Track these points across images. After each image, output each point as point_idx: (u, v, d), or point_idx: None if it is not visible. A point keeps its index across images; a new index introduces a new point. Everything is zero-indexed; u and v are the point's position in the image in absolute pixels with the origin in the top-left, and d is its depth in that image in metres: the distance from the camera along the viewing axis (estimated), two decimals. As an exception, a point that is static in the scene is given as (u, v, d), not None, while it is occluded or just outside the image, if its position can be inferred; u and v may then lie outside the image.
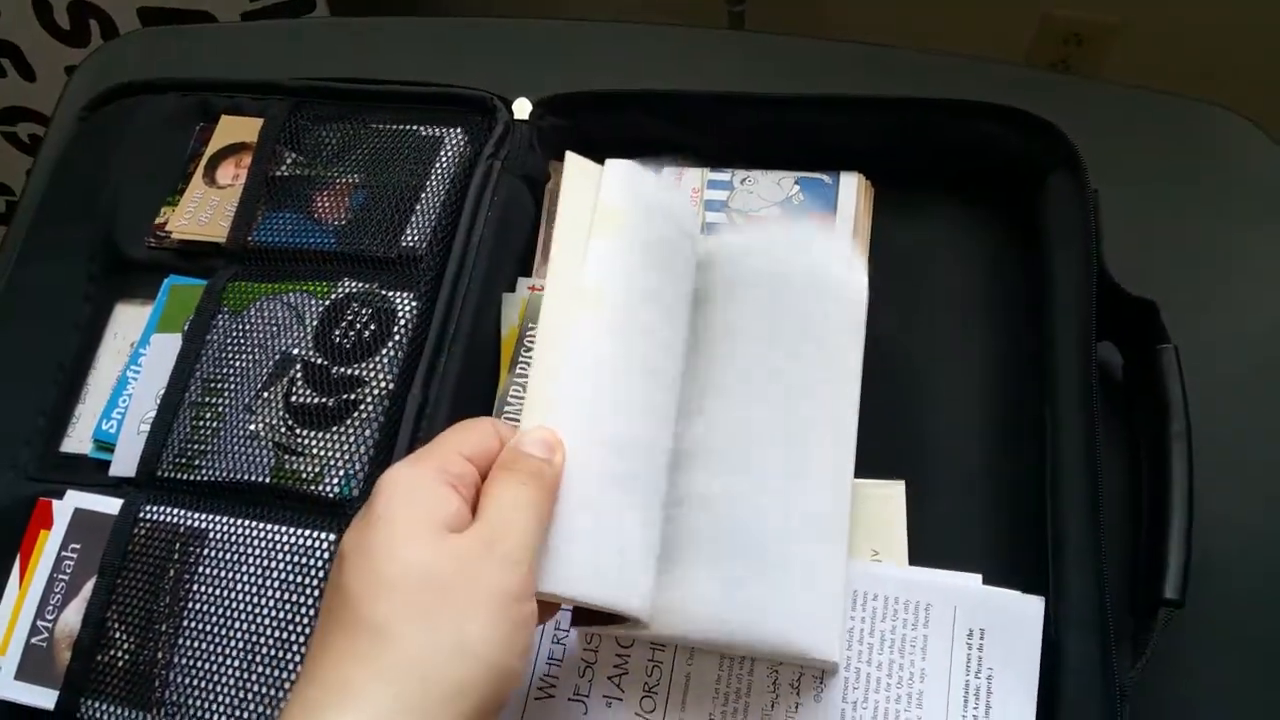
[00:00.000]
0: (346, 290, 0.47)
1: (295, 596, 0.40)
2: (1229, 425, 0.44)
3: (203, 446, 0.45)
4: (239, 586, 0.41)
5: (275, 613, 0.40)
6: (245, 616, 0.41)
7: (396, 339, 0.45)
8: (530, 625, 0.32)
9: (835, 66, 0.57)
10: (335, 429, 0.43)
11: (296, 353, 0.45)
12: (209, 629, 0.41)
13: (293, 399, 0.44)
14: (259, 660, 0.40)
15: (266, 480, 0.43)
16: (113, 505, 0.45)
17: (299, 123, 0.52)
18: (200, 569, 0.42)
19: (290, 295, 0.47)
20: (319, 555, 0.41)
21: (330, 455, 0.43)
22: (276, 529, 0.42)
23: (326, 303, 0.46)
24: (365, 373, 0.44)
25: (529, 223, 0.51)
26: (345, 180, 0.50)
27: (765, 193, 0.49)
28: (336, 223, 0.49)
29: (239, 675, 0.40)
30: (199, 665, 0.40)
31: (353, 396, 0.44)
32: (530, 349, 0.47)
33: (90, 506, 0.45)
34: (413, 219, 0.48)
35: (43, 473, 0.48)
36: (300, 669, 0.38)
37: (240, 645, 0.40)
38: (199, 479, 0.44)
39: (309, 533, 0.41)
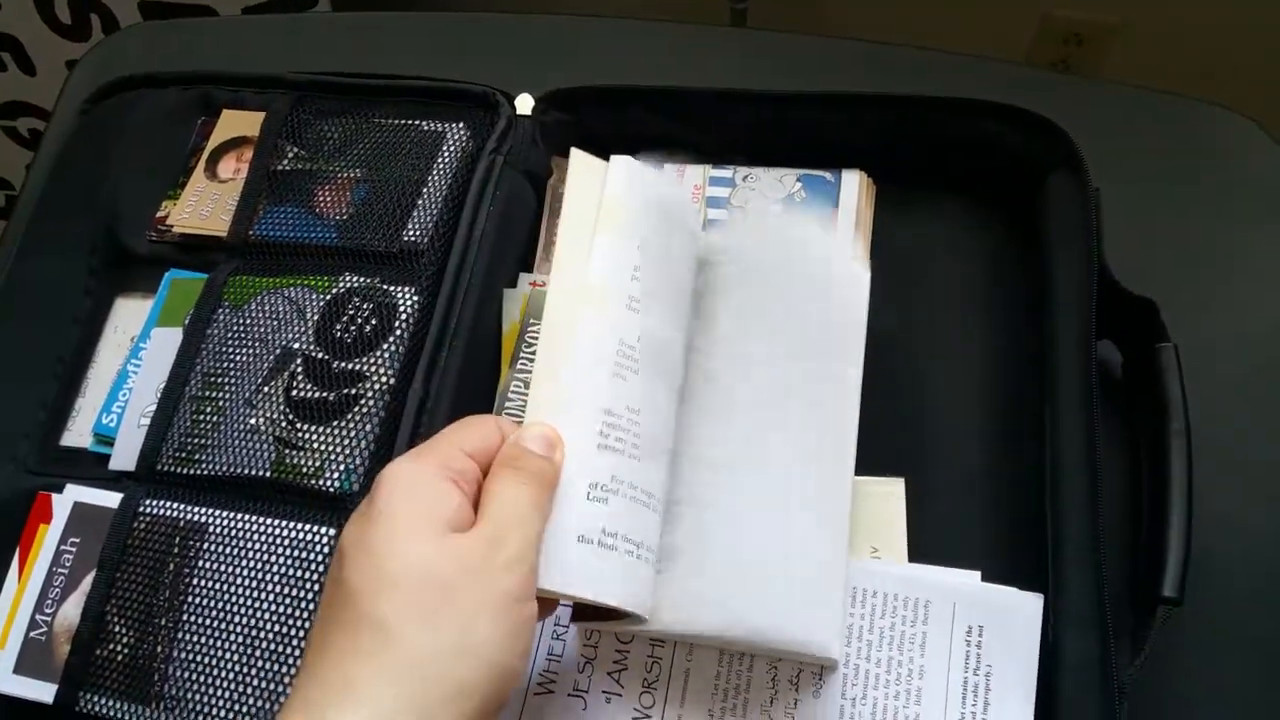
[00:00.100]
0: (348, 285, 0.47)
1: (295, 591, 0.40)
2: (1228, 424, 0.44)
3: (203, 440, 0.45)
4: (239, 581, 0.41)
5: (275, 607, 0.40)
6: (245, 611, 0.41)
7: (398, 334, 0.45)
8: (531, 625, 0.32)
9: (837, 64, 0.57)
10: (336, 423, 0.43)
11: (297, 347, 0.45)
12: (209, 623, 0.41)
13: (293, 393, 0.44)
14: (258, 654, 0.40)
15: (267, 474, 0.43)
16: (112, 499, 0.45)
17: (301, 117, 0.52)
18: (200, 563, 0.42)
19: (291, 290, 0.47)
20: (319, 550, 0.41)
21: (331, 450, 0.43)
22: (276, 523, 0.42)
23: (328, 297, 0.46)
24: (366, 367, 0.44)
25: (531, 218, 0.51)
26: (347, 175, 0.50)
27: (767, 190, 0.49)
28: (338, 217, 0.49)
29: (238, 669, 0.40)
30: (198, 659, 0.40)
31: (353, 391, 0.44)
32: (531, 345, 0.47)
33: (90, 500, 0.45)
34: (414, 214, 0.48)
35: (42, 466, 0.48)
36: (299, 664, 0.38)
37: (240, 639, 0.40)
38: (199, 473, 0.44)
39: (309, 527, 0.41)
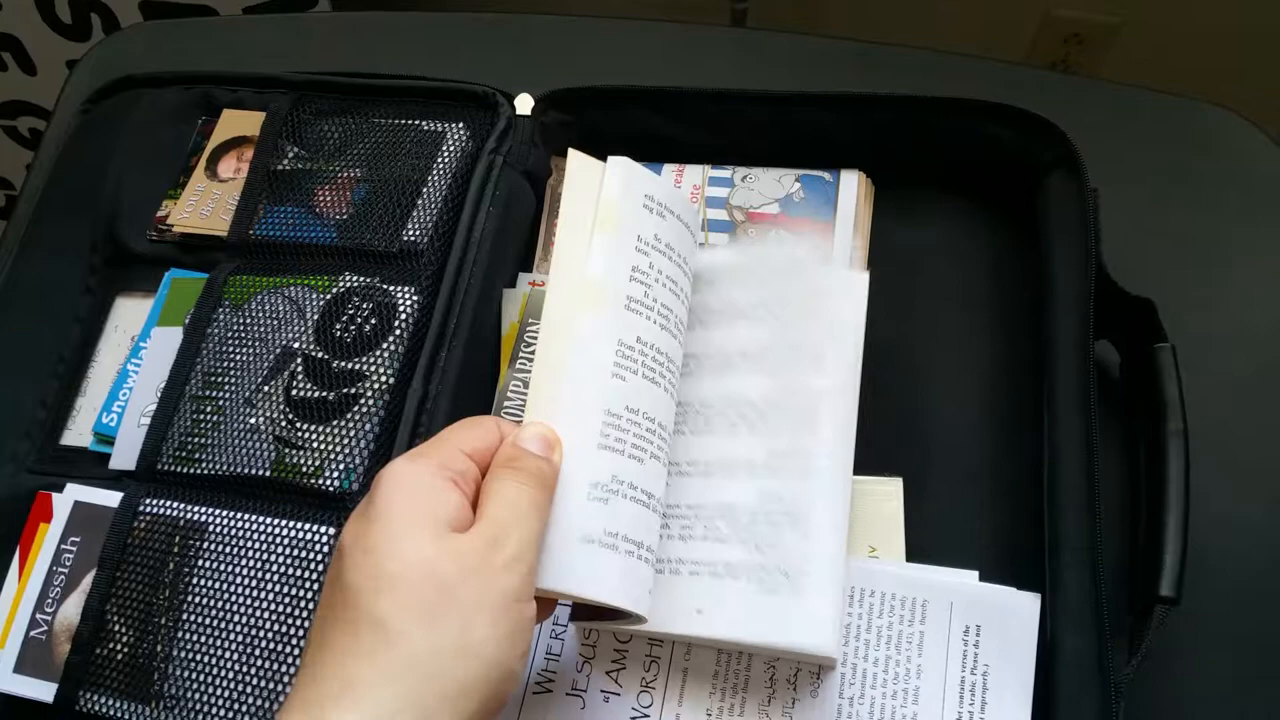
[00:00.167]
0: (347, 284, 0.47)
1: (295, 590, 0.40)
2: (1226, 424, 0.44)
3: (203, 440, 0.45)
4: (239, 580, 0.41)
5: (275, 606, 0.40)
6: (245, 610, 0.41)
7: (397, 333, 0.45)
8: (530, 625, 0.32)
9: (836, 64, 0.57)
10: (336, 423, 0.43)
11: (297, 346, 0.46)
12: (208, 622, 0.41)
13: (293, 393, 0.45)
14: (258, 653, 0.40)
15: (267, 473, 0.43)
16: (113, 498, 0.45)
17: (301, 117, 0.52)
18: (200, 562, 0.42)
19: (291, 289, 0.47)
20: (319, 549, 0.41)
21: (330, 449, 0.43)
22: (276, 522, 0.42)
23: (327, 297, 0.47)
24: (366, 367, 0.44)
25: (530, 218, 0.51)
26: (347, 174, 0.50)
27: (766, 190, 0.49)
28: (338, 217, 0.49)
29: (238, 668, 0.40)
30: (198, 658, 0.41)
31: (353, 390, 0.44)
32: (531, 345, 0.47)
33: (90, 499, 0.45)
34: (414, 214, 0.48)
35: (42, 466, 0.48)
36: (299, 663, 0.38)
37: (240, 638, 0.40)
38: (199, 472, 0.44)
39: (309, 526, 0.42)
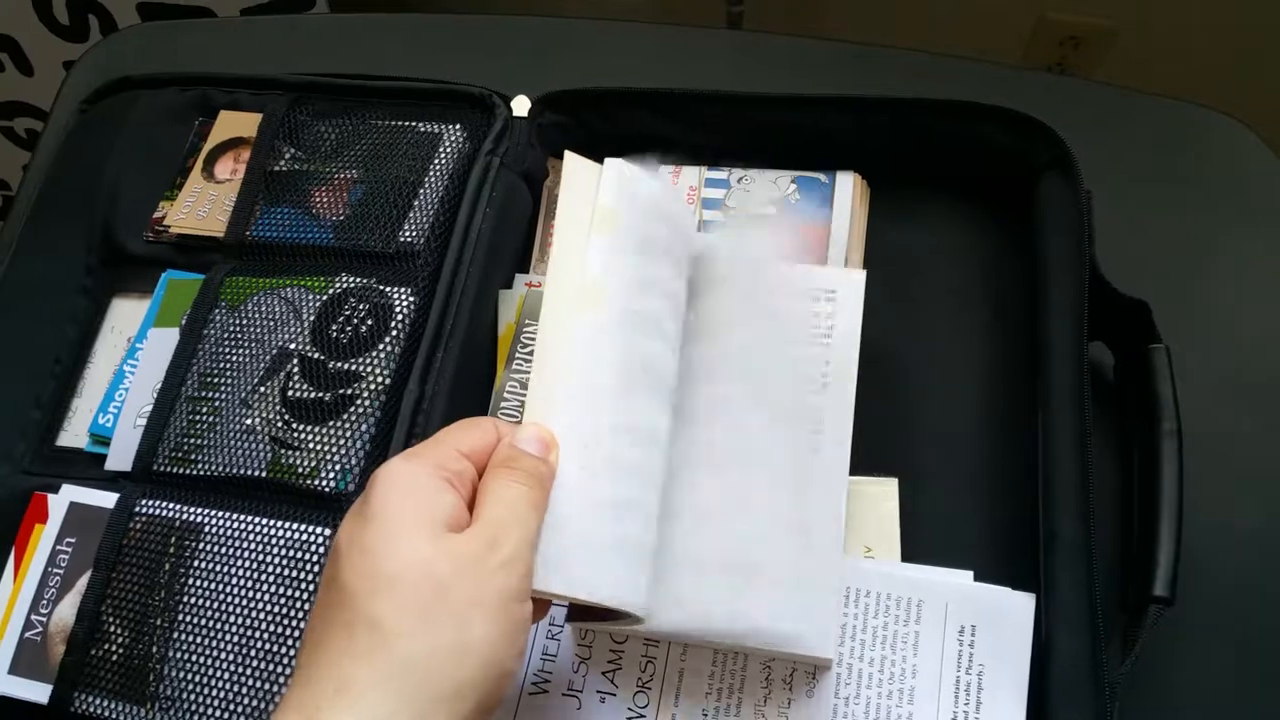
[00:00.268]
0: (344, 285, 0.47)
1: (291, 591, 0.40)
2: (1219, 425, 0.45)
3: (199, 441, 0.45)
4: (234, 580, 0.41)
5: (271, 607, 0.40)
6: (241, 611, 0.41)
7: (393, 334, 0.45)
8: (527, 625, 0.32)
9: (832, 67, 0.57)
10: (332, 423, 0.43)
11: (293, 347, 0.46)
12: (204, 623, 0.41)
13: (289, 393, 0.45)
14: (254, 654, 0.40)
15: (263, 474, 0.43)
16: (108, 499, 0.45)
17: (298, 118, 0.52)
18: (196, 563, 0.42)
19: (288, 290, 0.47)
20: (314, 549, 0.41)
21: (326, 450, 0.43)
22: (272, 523, 0.42)
23: (324, 298, 0.47)
24: (362, 368, 0.44)
25: (527, 220, 0.52)
26: (343, 176, 0.50)
27: (762, 191, 0.50)
28: (334, 218, 0.49)
29: (234, 669, 0.40)
30: (194, 659, 0.40)
31: (349, 391, 0.44)
32: (527, 346, 0.47)
33: (86, 500, 0.45)
34: (410, 215, 0.48)
35: (38, 466, 0.48)
36: (294, 664, 0.38)
37: (235, 639, 0.40)
38: (195, 473, 0.44)
39: (305, 527, 0.42)
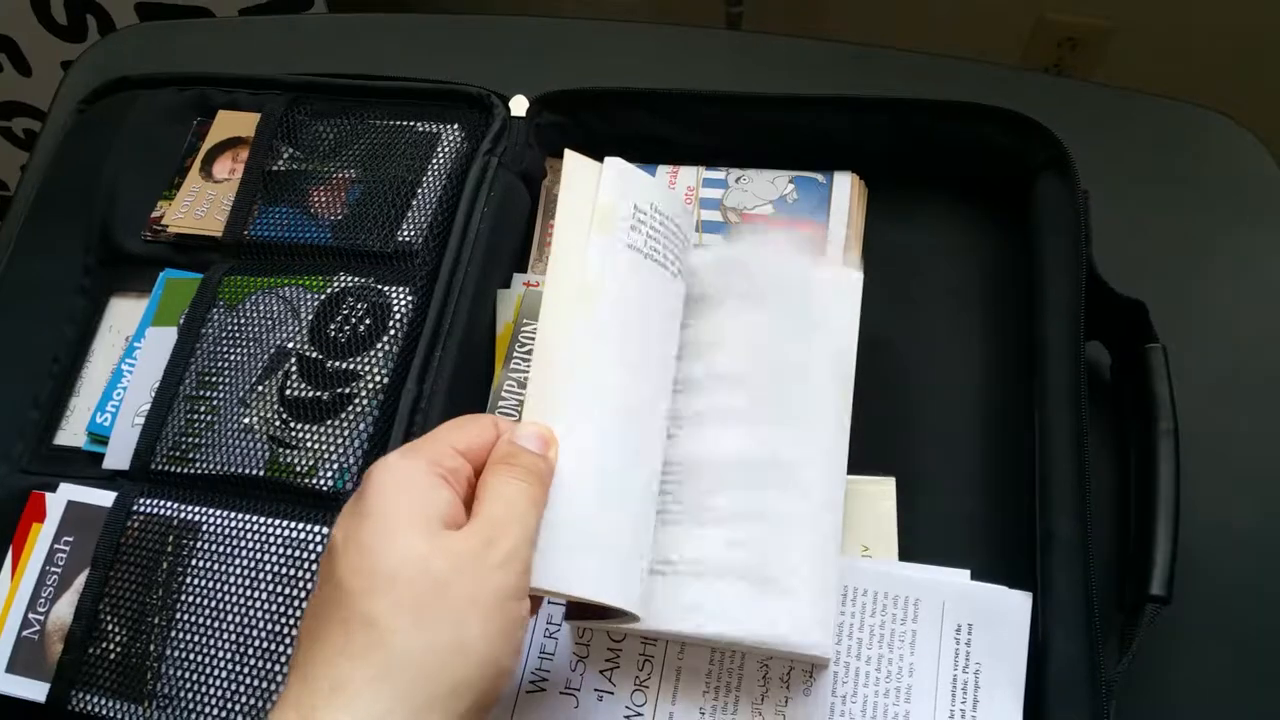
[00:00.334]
0: (342, 285, 0.47)
1: (288, 589, 0.40)
2: (1216, 424, 0.45)
3: (197, 440, 0.45)
4: (232, 579, 0.41)
5: (268, 605, 0.40)
6: (238, 609, 0.41)
7: (391, 333, 0.45)
8: (524, 623, 0.32)
9: (831, 67, 0.57)
10: (330, 422, 0.43)
11: (292, 346, 0.46)
12: (202, 622, 0.41)
13: (287, 392, 0.45)
14: (251, 653, 0.40)
15: (261, 473, 0.43)
16: (106, 498, 0.45)
17: (296, 118, 0.52)
18: (193, 562, 0.42)
19: (286, 289, 0.47)
20: (312, 548, 0.41)
21: (324, 448, 0.43)
22: (270, 522, 0.42)
23: (322, 297, 0.47)
24: (360, 367, 0.44)
25: (525, 219, 0.52)
26: (341, 175, 0.50)
27: (760, 191, 0.50)
28: (332, 217, 0.49)
29: (231, 668, 0.40)
30: (191, 658, 0.41)
31: (347, 390, 0.44)
32: (525, 345, 0.47)
33: (83, 499, 0.45)
34: (409, 214, 0.48)
35: (36, 465, 0.48)
36: (290, 662, 0.38)
37: (233, 638, 0.40)
38: (193, 472, 0.44)
39: (302, 526, 0.42)
